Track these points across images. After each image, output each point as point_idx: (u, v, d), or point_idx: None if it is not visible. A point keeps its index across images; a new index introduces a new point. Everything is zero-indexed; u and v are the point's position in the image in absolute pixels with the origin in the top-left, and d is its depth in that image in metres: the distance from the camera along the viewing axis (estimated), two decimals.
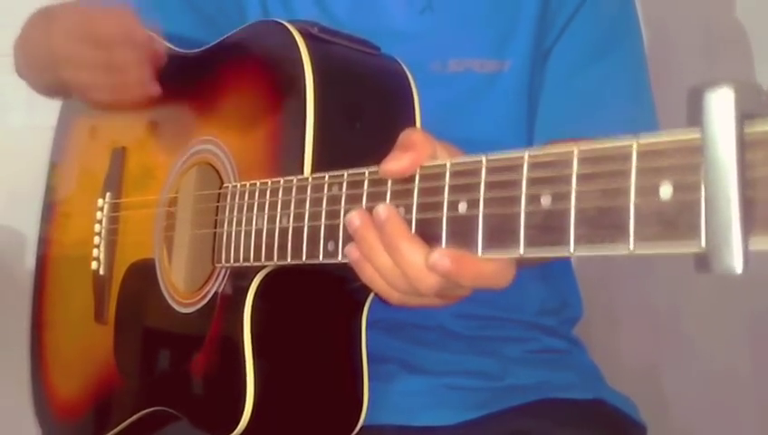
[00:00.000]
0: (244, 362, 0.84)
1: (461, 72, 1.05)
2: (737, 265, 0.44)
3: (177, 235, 0.99)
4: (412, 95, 0.90)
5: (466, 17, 1.07)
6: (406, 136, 0.68)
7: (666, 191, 0.48)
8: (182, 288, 0.97)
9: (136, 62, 0.97)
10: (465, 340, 1.07)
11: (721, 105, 0.45)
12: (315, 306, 0.89)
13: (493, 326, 1.09)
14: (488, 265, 0.61)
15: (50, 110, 1.28)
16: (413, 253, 0.64)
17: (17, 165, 1.76)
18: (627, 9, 1.09)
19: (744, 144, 0.44)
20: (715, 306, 1.38)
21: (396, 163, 0.66)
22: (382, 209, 0.66)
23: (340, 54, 0.89)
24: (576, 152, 0.53)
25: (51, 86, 1.18)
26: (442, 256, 0.61)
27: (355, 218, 0.68)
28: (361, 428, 0.92)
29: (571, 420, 1.01)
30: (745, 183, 0.44)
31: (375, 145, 0.72)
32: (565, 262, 1.19)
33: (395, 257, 0.65)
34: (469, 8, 1.07)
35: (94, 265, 1.15)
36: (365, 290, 0.89)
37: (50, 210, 1.30)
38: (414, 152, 0.66)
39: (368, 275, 0.69)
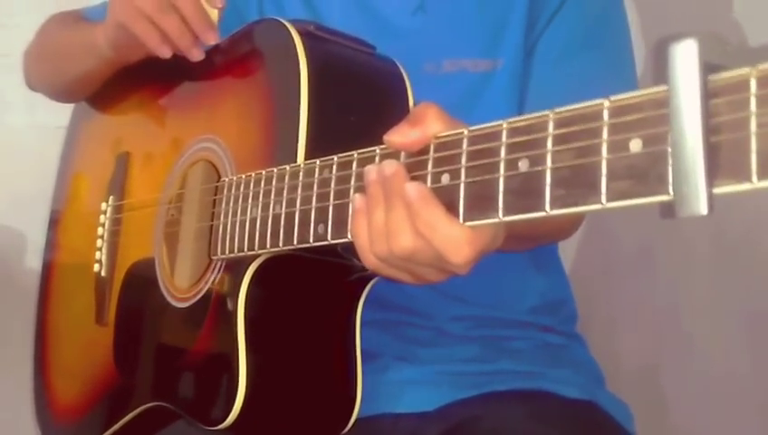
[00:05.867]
0: (237, 352, 0.85)
1: (455, 72, 1.05)
2: (702, 207, 0.45)
3: (175, 232, 1.01)
4: (406, 92, 0.92)
5: (458, 17, 1.07)
6: (420, 109, 0.68)
7: (636, 145, 0.49)
8: (181, 284, 0.98)
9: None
10: (460, 339, 1.07)
11: (685, 56, 0.46)
12: (309, 300, 0.90)
13: (489, 326, 1.09)
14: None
15: (50, 110, 1.30)
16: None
17: (17, 165, 1.77)
18: (614, 5, 1.09)
19: (707, 92, 0.45)
20: (715, 306, 1.38)
21: (400, 137, 0.67)
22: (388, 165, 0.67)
23: (336, 51, 0.91)
24: (551, 115, 0.55)
25: (77, 79, 1.20)
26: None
27: (372, 171, 0.68)
28: (355, 421, 0.92)
29: (557, 416, 0.99)
30: (709, 130, 0.45)
31: (369, 139, 0.73)
32: (555, 257, 1.19)
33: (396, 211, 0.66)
34: (461, 8, 1.07)
35: (96, 267, 1.16)
36: (360, 284, 0.90)
37: (57, 217, 1.31)
38: (421, 129, 0.67)
39: (357, 226, 0.70)
